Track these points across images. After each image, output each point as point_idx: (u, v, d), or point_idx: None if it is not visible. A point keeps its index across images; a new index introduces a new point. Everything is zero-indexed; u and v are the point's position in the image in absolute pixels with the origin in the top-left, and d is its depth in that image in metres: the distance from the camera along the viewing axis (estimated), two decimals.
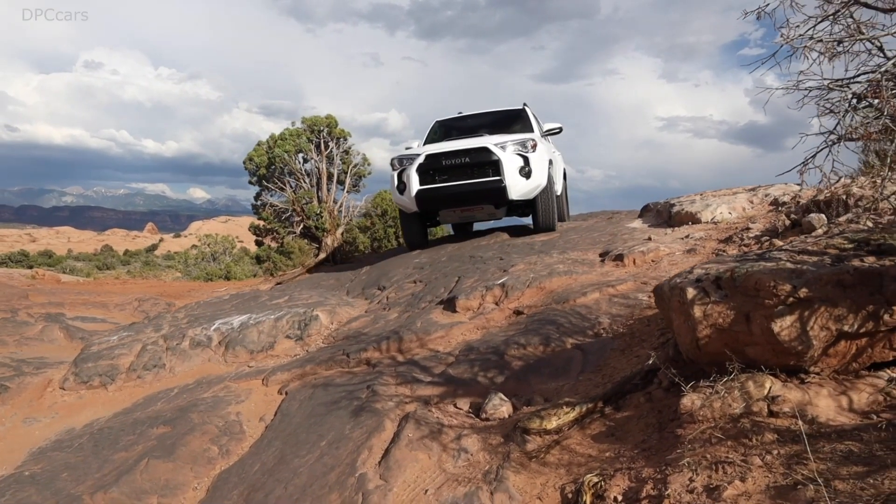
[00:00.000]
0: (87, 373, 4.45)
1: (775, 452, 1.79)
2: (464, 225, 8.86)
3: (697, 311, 2.27)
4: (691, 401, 2.16)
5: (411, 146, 7.44)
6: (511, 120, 7.80)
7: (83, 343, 5.28)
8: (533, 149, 6.44)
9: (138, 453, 3.20)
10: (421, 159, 6.53)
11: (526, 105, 8.03)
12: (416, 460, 2.55)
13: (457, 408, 3.04)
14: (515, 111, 7.95)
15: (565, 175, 8.94)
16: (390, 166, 6.92)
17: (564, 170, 8.90)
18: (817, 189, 4.63)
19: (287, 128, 12.09)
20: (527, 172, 6.34)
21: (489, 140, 6.58)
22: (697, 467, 1.83)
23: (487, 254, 5.96)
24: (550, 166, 6.81)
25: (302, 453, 2.92)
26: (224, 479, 2.91)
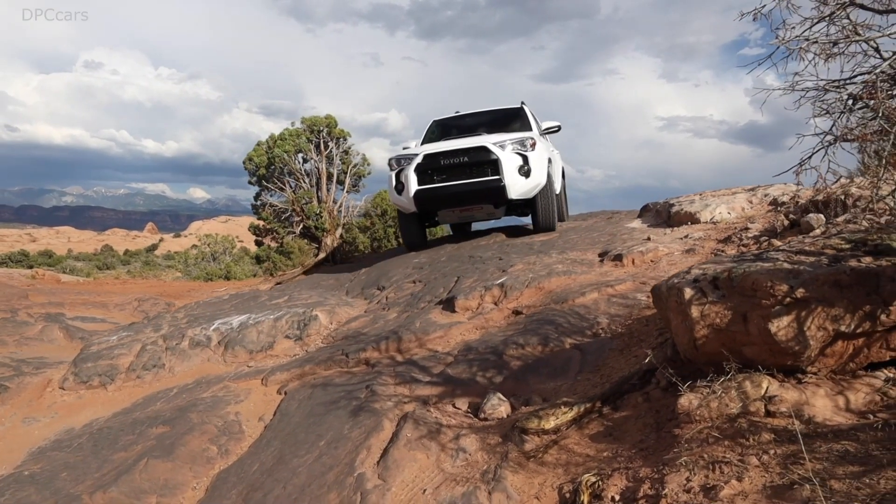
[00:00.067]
0: (87, 373, 4.45)
1: (772, 452, 1.80)
2: (463, 225, 8.79)
3: (695, 312, 2.28)
4: (689, 401, 2.17)
5: (409, 146, 7.38)
6: (509, 118, 7.75)
7: (83, 343, 5.28)
8: (532, 147, 6.38)
9: (137, 453, 3.21)
10: (419, 159, 6.45)
11: (524, 103, 7.98)
12: (415, 460, 2.55)
13: (455, 408, 3.05)
14: (513, 110, 7.90)
15: (564, 174, 8.88)
16: (388, 166, 6.86)
17: (563, 169, 8.83)
18: (816, 189, 4.64)
19: (287, 128, 12.09)
20: (526, 171, 6.28)
21: (488, 139, 6.51)
22: (694, 467, 1.84)
23: (486, 254, 5.96)
24: (549, 165, 6.75)
25: (301, 453, 2.92)
26: (223, 479, 2.92)
